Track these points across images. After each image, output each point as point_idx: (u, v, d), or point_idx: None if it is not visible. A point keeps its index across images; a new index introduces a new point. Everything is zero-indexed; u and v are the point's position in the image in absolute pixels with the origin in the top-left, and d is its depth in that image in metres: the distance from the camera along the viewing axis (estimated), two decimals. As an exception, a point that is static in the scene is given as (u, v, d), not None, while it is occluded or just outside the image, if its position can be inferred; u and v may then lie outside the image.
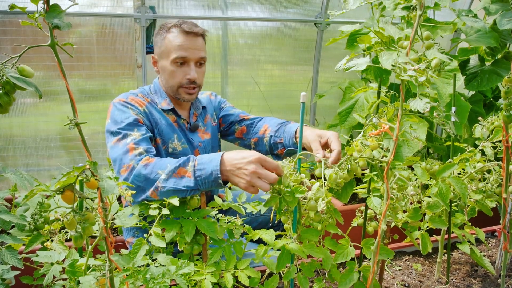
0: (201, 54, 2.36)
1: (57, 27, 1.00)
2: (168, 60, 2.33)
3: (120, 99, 2.27)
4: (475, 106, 3.54)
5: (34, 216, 1.52)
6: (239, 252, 1.69)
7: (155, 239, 1.53)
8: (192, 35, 2.33)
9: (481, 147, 2.09)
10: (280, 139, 2.47)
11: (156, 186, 1.83)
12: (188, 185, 1.79)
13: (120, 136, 2.10)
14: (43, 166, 3.66)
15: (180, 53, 2.29)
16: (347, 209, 3.16)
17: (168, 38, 2.32)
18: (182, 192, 1.80)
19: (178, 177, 1.82)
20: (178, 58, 2.30)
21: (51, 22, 0.99)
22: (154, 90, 2.46)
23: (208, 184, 1.80)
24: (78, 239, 1.15)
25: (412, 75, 1.21)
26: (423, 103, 1.24)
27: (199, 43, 2.36)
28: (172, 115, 2.43)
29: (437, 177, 1.79)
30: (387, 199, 1.54)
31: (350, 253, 1.69)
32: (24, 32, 3.28)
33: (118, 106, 2.22)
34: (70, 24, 1.01)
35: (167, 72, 2.36)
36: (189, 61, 2.33)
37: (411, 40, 1.40)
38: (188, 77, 2.33)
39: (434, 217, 1.93)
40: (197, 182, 1.79)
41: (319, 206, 1.52)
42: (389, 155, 1.52)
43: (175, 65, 2.32)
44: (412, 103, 1.29)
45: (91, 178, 1.12)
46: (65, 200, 1.11)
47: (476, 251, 2.19)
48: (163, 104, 2.40)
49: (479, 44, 3.23)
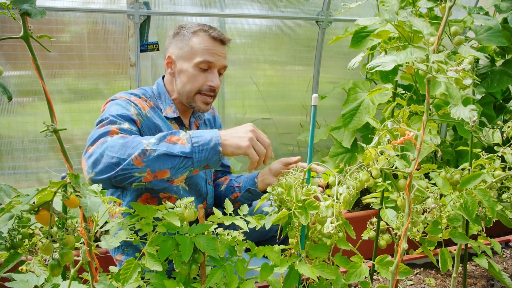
0: (225, 62, 2.27)
1: (27, 14, 0.82)
2: (190, 63, 2.19)
3: (121, 96, 2.10)
4: (485, 108, 3.38)
5: (11, 232, 1.35)
6: (242, 272, 1.51)
7: (149, 261, 1.34)
8: (220, 42, 2.25)
9: (501, 153, 1.92)
10: (239, 183, 2.45)
11: (144, 150, 1.64)
12: (183, 150, 1.66)
13: (107, 121, 1.88)
14: (31, 169, 3.48)
15: (207, 57, 2.18)
16: (352, 216, 3.03)
17: (193, 41, 2.20)
18: (175, 159, 1.65)
19: (171, 143, 1.68)
20: (204, 63, 2.18)
21: (19, 8, 0.81)
22: (158, 93, 2.29)
23: (206, 152, 1.68)
24: (55, 268, 0.97)
25: (452, 76, 1.03)
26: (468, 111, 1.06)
27: (224, 51, 2.28)
28: (175, 123, 2.27)
29: (461, 188, 1.62)
30: (409, 215, 1.38)
31: (364, 271, 1.53)
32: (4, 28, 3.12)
33: (119, 101, 2.04)
34: (44, 11, 0.84)
35: (186, 76, 2.21)
36: (213, 68, 2.22)
37: (439, 35, 1.22)
38: (211, 84, 2.20)
39: (454, 231, 1.76)
40: (193, 148, 1.67)
41: (327, 228, 1.36)
42: (412, 165, 1.35)
43: (198, 70, 2.19)
44: (454, 110, 1.13)
45: (72, 194, 0.95)
46: (40, 221, 0.94)
47: (495, 265, 2.03)
48: (168, 111, 2.24)
49: (490, 44, 3.08)
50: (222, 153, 1.72)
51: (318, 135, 3.77)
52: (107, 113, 1.94)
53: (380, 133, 1.49)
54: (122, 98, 2.08)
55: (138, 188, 2.00)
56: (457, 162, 3.36)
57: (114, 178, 1.64)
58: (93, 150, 1.72)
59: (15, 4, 0.82)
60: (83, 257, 1.03)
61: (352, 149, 3.37)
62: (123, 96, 2.10)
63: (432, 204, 1.56)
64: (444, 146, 3.60)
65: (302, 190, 1.47)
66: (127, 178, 1.64)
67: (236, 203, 2.41)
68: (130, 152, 1.64)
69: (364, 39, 3.07)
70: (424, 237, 1.81)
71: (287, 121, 4.39)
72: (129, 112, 1.99)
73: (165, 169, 1.65)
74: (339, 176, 1.46)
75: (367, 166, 1.46)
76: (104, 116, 1.92)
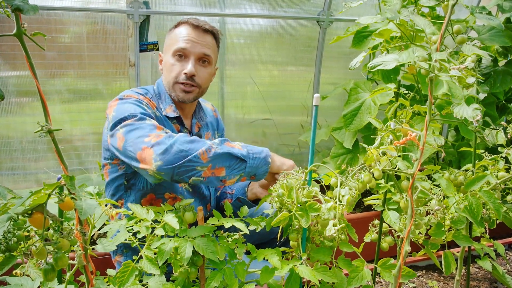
0: (204, 50, 2.17)
1: (19, 10, 0.79)
2: (169, 54, 2.17)
3: (130, 95, 2.07)
4: (488, 109, 3.35)
5: (6, 235, 1.32)
6: (241, 275, 1.49)
7: (147, 265, 1.31)
8: (200, 29, 2.17)
9: (505, 154, 1.89)
10: (232, 190, 2.44)
11: (210, 147, 1.74)
12: (242, 153, 1.78)
13: (136, 118, 1.91)
14: (30, 169, 3.45)
15: (181, 44, 2.13)
16: (353, 218, 3.00)
17: (174, 32, 2.19)
18: (233, 160, 1.77)
19: (230, 146, 1.79)
20: (178, 50, 2.13)
21: (10, 4, 0.78)
22: (158, 93, 2.25)
23: (258, 161, 1.80)
24: (49, 273, 0.95)
25: (455, 75, 1.00)
26: (471, 110, 1.04)
27: (206, 39, 2.19)
28: (176, 123, 2.24)
29: (465, 190, 1.59)
30: (412, 217, 1.35)
31: (366, 275, 1.50)
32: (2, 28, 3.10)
33: (132, 100, 2.02)
34: (37, 7, 0.81)
35: (166, 67, 2.19)
36: (189, 55, 2.14)
37: (442, 34, 1.20)
38: (185, 71, 2.13)
39: (458, 234, 1.74)
40: (249, 154, 1.79)
41: (329, 231, 1.33)
42: (414, 166, 1.32)
43: (175, 59, 2.15)
44: (457, 110, 1.10)
45: (67, 197, 0.92)
46: (34, 224, 0.91)
47: (498, 268, 2.01)
48: (168, 110, 2.20)
49: (493, 43, 3.04)
50: (271, 165, 1.82)
51: (319, 135, 3.74)
52: (127, 111, 1.94)
53: (382, 134, 1.47)
54: (133, 98, 2.05)
55: (143, 187, 2.07)
56: (459, 163, 3.33)
57: (178, 168, 1.70)
58: (161, 140, 1.76)
59: (6, 0, 0.79)
60: (79, 261, 1.01)
61: (354, 150, 3.34)
62: (133, 96, 2.07)
63: (435, 206, 1.53)
64: (446, 147, 3.57)
65: (303, 192, 1.44)
66: (189, 171, 1.71)
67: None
68: (197, 147, 1.72)
69: (365, 39, 3.04)
70: (427, 240, 1.78)
71: (288, 122, 4.37)
72: (145, 110, 2.00)
73: (223, 166, 1.75)
74: (340, 178, 1.43)
75: (369, 167, 1.43)
76: (126, 113, 1.93)
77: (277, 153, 2.26)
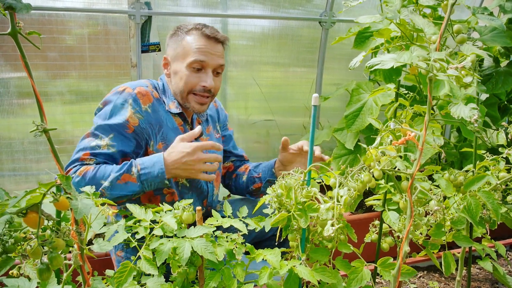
0: (220, 61, 2.21)
1: (11, 8, 0.79)
2: (183, 63, 2.15)
3: (126, 89, 2.12)
4: (490, 109, 3.34)
5: (2, 237, 1.31)
6: (240, 276, 1.48)
7: (145, 265, 1.31)
8: (214, 40, 2.18)
9: (506, 155, 1.88)
10: (258, 173, 2.46)
11: (101, 192, 1.88)
12: (134, 189, 1.94)
13: (91, 133, 2.06)
14: (31, 170, 3.46)
15: (199, 56, 2.13)
16: (355, 218, 2.99)
17: (186, 40, 2.17)
18: (128, 196, 1.95)
19: (123, 183, 1.93)
20: (196, 62, 2.14)
21: (2, 2, 0.78)
22: (162, 88, 2.27)
23: (155, 185, 1.97)
24: (44, 273, 0.94)
25: (452, 74, 1.00)
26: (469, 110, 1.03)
27: (219, 49, 2.21)
28: (178, 118, 2.25)
29: (465, 191, 1.59)
30: (411, 217, 1.34)
31: (365, 276, 1.49)
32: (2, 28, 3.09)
33: (118, 102, 2.08)
34: (29, 5, 0.81)
35: (179, 76, 2.18)
36: (206, 67, 2.16)
37: (441, 33, 1.19)
38: (204, 84, 2.15)
39: (458, 234, 1.73)
40: (143, 185, 1.95)
41: (327, 231, 1.33)
42: (413, 166, 1.32)
43: (191, 70, 2.15)
44: (454, 109, 1.09)
45: (62, 196, 0.91)
46: (29, 223, 0.91)
47: (499, 268, 2.00)
48: (171, 106, 2.22)
49: (494, 44, 3.04)
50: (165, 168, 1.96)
51: (321, 136, 3.73)
52: (101, 118, 2.07)
53: (382, 134, 1.46)
54: (123, 96, 2.09)
55: None
56: (461, 164, 3.32)
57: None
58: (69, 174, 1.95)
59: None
60: (75, 261, 1.00)
61: (355, 150, 3.33)
62: (127, 89, 2.11)
63: (435, 207, 1.52)
64: (448, 147, 3.56)
65: (302, 192, 1.44)
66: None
67: (260, 194, 2.43)
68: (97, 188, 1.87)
69: (367, 39, 3.03)
70: (427, 240, 1.77)
71: (290, 123, 4.37)
72: (121, 118, 2.05)
73: (122, 199, 1.96)
74: (340, 178, 1.42)
75: (369, 167, 1.42)
76: (98, 117, 2.09)
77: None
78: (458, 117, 1.09)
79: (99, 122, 2.05)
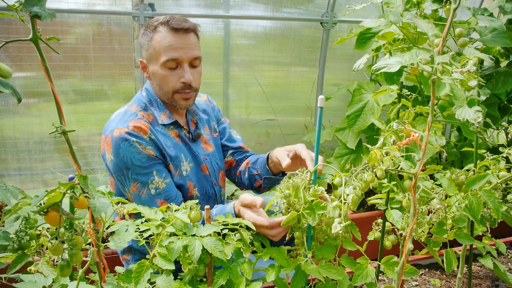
0: (194, 53, 2.09)
1: (37, 16, 0.83)
2: (157, 64, 2.06)
3: (121, 129, 2.01)
4: (490, 109, 3.38)
5: (18, 234, 1.36)
6: (248, 274, 1.52)
7: (161, 261, 1.34)
8: (182, 32, 2.05)
9: (506, 154, 1.92)
10: (257, 170, 2.38)
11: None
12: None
13: (139, 183, 2.02)
14: (36, 170, 3.50)
15: (171, 54, 2.03)
16: (357, 217, 3.03)
17: (155, 39, 2.05)
18: None
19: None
20: (169, 61, 2.04)
21: (29, 11, 0.82)
22: (149, 100, 2.18)
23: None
24: (65, 269, 0.98)
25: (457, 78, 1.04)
26: (473, 112, 1.07)
27: (191, 40, 2.09)
28: (173, 129, 2.20)
29: (466, 190, 1.63)
30: (414, 215, 1.38)
31: (370, 273, 1.54)
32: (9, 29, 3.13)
33: (121, 143, 1.98)
34: (54, 13, 0.85)
35: (158, 78, 2.09)
36: (181, 63, 2.07)
37: (444, 37, 1.23)
38: (183, 80, 2.07)
39: (460, 232, 1.77)
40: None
41: (334, 228, 1.37)
42: (417, 166, 1.36)
43: (167, 69, 2.06)
44: (459, 112, 1.13)
45: (81, 195, 0.95)
46: (49, 221, 0.95)
47: (500, 266, 2.04)
48: (163, 117, 2.15)
49: (495, 45, 3.07)
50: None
51: (323, 136, 3.77)
52: (121, 161, 2.00)
53: (385, 134, 1.50)
54: (122, 134, 2.00)
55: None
56: (462, 163, 3.36)
57: None
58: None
59: (25, 7, 0.83)
60: (92, 258, 1.04)
61: (357, 150, 3.37)
62: (123, 130, 2.01)
63: (437, 205, 1.56)
64: (448, 147, 3.60)
65: (309, 191, 1.48)
66: None
67: (263, 189, 2.39)
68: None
69: (368, 40, 3.07)
70: (429, 238, 1.81)
71: (292, 122, 4.40)
72: (138, 154, 2.00)
73: None
74: (345, 177, 1.46)
75: (373, 167, 1.46)
76: (122, 168, 2.01)
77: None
78: (463, 119, 1.12)
79: (129, 173, 2.00)
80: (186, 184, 2.18)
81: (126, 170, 1.98)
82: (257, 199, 1.73)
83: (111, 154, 1.99)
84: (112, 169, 2.03)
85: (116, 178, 2.04)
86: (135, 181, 1.99)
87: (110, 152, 2.00)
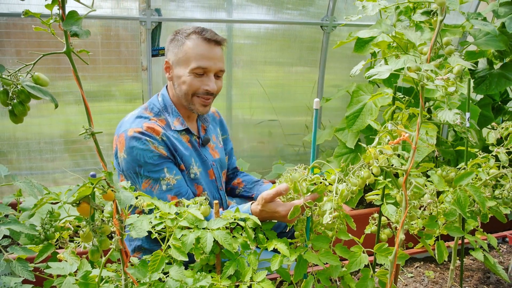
0: (221, 65, 2.25)
1: (76, 35, 0.96)
2: (186, 69, 2.19)
3: (135, 129, 2.12)
4: (484, 110, 3.49)
5: (44, 226, 1.49)
6: (254, 264, 1.66)
7: (175, 253, 1.48)
8: (214, 43, 2.21)
9: (495, 153, 2.05)
10: (252, 194, 2.58)
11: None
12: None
13: (151, 180, 2.13)
14: (47, 169, 3.61)
15: (201, 63, 2.17)
16: (355, 214, 3.13)
17: (187, 45, 2.19)
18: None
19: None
20: (198, 69, 2.18)
21: (69, 30, 0.95)
22: (164, 105, 2.30)
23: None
24: (95, 253, 1.12)
25: (439, 84, 1.17)
26: (452, 114, 1.20)
27: (219, 53, 2.25)
28: (185, 135, 2.31)
29: (455, 185, 1.75)
30: (406, 208, 1.51)
31: (363, 260, 1.67)
32: (29, 34, 3.24)
33: (135, 141, 2.10)
34: (89, 31, 0.98)
35: (182, 80, 2.21)
36: (208, 72, 2.21)
37: (432, 46, 1.36)
38: (207, 88, 2.21)
39: (450, 225, 1.90)
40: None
41: (325, 219, 1.50)
42: (407, 163, 1.48)
43: (194, 75, 2.19)
44: (440, 114, 1.26)
45: (108, 189, 1.08)
46: (81, 212, 1.08)
47: (490, 258, 2.16)
48: (176, 123, 2.27)
49: (488, 48, 3.18)
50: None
51: (323, 136, 3.88)
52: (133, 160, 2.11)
53: (380, 134, 1.63)
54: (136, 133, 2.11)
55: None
56: (457, 162, 3.47)
57: None
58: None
59: (65, 26, 0.96)
60: (116, 245, 1.17)
61: (356, 149, 3.48)
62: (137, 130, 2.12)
63: (428, 200, 1.69)
64: (445, 146, 3.70)
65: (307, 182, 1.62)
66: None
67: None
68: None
69: (366, 44, 3.18)
70: (422, 231, 1.93)
71: (293, 122, 4.51)
72: (151, 152, 2.11)
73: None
74: (339, 175, 1.59)
75: (368, 164, 1.59)
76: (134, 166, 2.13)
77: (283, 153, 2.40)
78: (443, 121, 1.25)
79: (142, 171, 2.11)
80: (194, 187, 2.30)
81: (139, 168, 2.10)
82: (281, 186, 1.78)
83: (124, 152, 2.11)
84: (124, 167, 2.14)
85: (128, 176, 2.15)
86: (147, 178, 2.10)
87: (123, 150, 2.12)
